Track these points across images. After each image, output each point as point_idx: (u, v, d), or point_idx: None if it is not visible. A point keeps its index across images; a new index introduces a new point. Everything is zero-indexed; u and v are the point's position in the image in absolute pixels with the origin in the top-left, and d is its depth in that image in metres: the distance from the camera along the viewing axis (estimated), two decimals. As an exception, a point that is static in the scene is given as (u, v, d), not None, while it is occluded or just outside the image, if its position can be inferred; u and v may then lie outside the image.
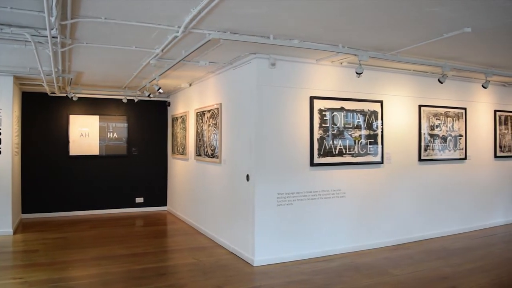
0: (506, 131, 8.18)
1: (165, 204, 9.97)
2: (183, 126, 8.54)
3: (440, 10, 3.81)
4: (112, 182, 9.47)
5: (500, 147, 8.08)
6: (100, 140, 9.39)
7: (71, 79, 7.17)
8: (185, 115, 8.38)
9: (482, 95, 7.71)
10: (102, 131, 9.42)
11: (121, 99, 8.99)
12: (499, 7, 3.72)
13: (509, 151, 8.23)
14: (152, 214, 9.43)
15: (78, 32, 4.47)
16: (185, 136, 8.46)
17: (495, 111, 7.99)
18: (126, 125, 9.62)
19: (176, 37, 4.40)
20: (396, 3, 3.64)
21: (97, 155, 9.36)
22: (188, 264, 5.49)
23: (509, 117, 8.23)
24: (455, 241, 6.75)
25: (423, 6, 3.71)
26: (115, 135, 9.52)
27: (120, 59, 5.85)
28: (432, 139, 6.96)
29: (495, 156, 8.00)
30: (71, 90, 8.24)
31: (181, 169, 8.82)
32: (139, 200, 9.72)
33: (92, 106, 9.35)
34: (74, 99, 8.53)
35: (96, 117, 9.37)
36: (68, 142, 9.10)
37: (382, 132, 6.34)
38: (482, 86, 6.72)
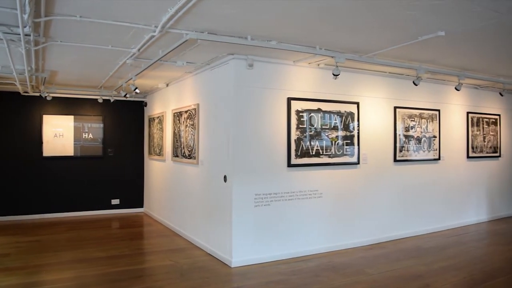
0: (478, 133, 8.39)
1: (141, 206, 9.86)
2: (160, 126, 8.47)
3: (415, 14, 3.89)
4: (87, 184, 9.32)
5: (472, 148, 8.29)
6: (75, 140, 9.22)
7: (45, 78, 7.02)
8: (162, 116, 8.31)
9: (455, 97, 7.89)
10: (77, 132, 9.25)
11: (97, 99, 8.86)
12: (470, 12, 3.81)
13: (480, 152, 8.45)
14: (129, 216, 9.31)
15: (52, 30, 4.38)
16: (162, 136, 8.39)
17: (468, 113, 8.20)
18: (101, 125, 9.48)
19: (153, 36, 4.36)
20: (372, 6, 3.70)
21: (72, 156, 9.19)
22: (165, 266, 5.44)
23: (481, 119, 8.45)
24: (429, 240, 6.88)
25: (399, 9, 3.78)
26: (90, 135, 9.37)
27: (95, 58, 5.76)
28: (407, 140, 7.08)
29: (468, 157, 8.20)
30: (45, 90, 8.07)
31: (158, 170, 8.74)
32: (115, 201, 9.59)
33: (66, 106, 9.17)
34: (48, 98, 8.35)
35: (71, 117, 9.21)
36: (41, 142, 8.90)
37: (358, 133, 6.42)
38: (455, 88, 6.87)
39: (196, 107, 6.55)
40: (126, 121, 9.77)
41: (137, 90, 6.68)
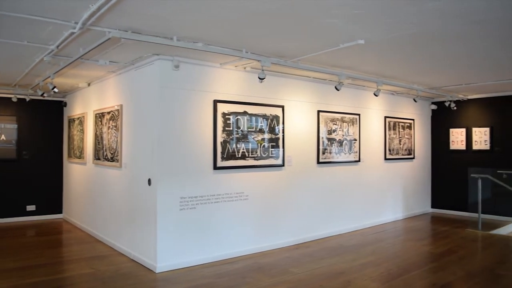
0: (394, 136, 8.92)
1: (60, 212, 9.33)
2: (81, 128, 8.09)
3: (337, 22, 4.05)
4: (-2, 189, 8.66)
5: (389, 150, 8.79)
6: (-16, 142, 8.54)
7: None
8: (83, 117, 7.94)
9: (374, 103, 8.33)
10: (-13, 133, 8.58)
11: (11, 98, 8.26)
12: (386, 22, 4.05)
13: (396, 154, 8.98)
14: (46, 222, 8.77)
15: (-42, 23, 4.03)
16: (82, 138, 8.01)
17: (385, 117, 8.68)
18: (16, 126, 8.85)
19: (73, 33, 4.15)
20: (296, 14, 3.80)
21: (-19, 159, 8.50)
22: (86, 275, 5.19)
23: (397, 123, 8.98)
24: (351, 238, 7.19)
25: (322, 18, 3.92)
26: (3, 137, 8.71)
27: (9, 54, 5.37)
28: (329, 143, 7.35)
29: (385, 159, 8.68)
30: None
31: (78, 174, 8.33)
32: (31, 208, 8.99)
33: (-25, 105, 8.48)
34: (-47, 97, 7.67)
35: (-20, 118, 8.52)
36: None
37: (283, 136, 6.56)
38: (374, 94, 7.25)
39: (119, 108, 6.33)
40: (43, 122, 9.21)
41: (55, 89, 6.32)
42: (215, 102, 5.76)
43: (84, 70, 6.43)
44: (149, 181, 5.44)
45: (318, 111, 7.18)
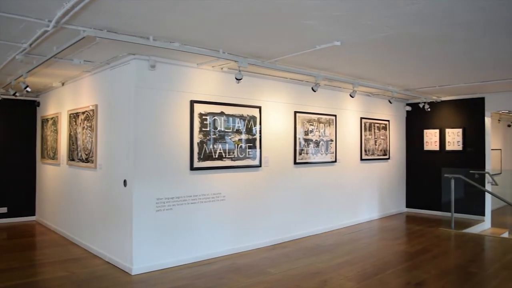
0: (370, 137, 9.03)
1: (33, 214, 9.13)
2: (55, 128, 7.94)
3: (314, 24, 4.08)
4: (-32, 191, 8.42)
5: (365, 151, 8.90)
6: (-47, 143, 8.29)
7: None
8: (57, 117, 7.79)
9: (350, 104, 8.42)
10: (-44, 134, 8.33)
11: (-19, 98, 8.05)
12: (362, 24, 4.10)
13: (372, 154, 9.10)
14: (18, 225, 8.56)
15: None
16: (56, 139, 7.86)
17: (361, 118, 8.79)
18: (-14, 126, 8.62)
19: (46, 31, 4.07)
20: (273, 14, 3.81)
21: (-50, 160, 8.25)
22: (60, 278, 5.09)
23: (372, 124, 9.11)
24: (327, 238, 7.25)
25: (299, 19, 3.94)
26: (-28, 138, 8.48)
27: (-22, 53, 5.24)
28: (306, 144, 7.40)
29: (361, 159, 8.79)
30: None
31: (52, 175, 8.17)
32: (2, 210, 8.76)
33: None
34: None
35: (-51, 118, 8.27)
36: None
37: (260, 136, 6.57)
38: (350, 95, 7.34)
39: (94, 108, 6.24)
40: (15, 122, 8.99)
41: (28, 89, 6.18)
42: (192, 102, 5.73)
43: (58, 69, 6.31)
44: (125, 182, 5.38)
45: (295, 112, 7.22)
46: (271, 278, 5.09)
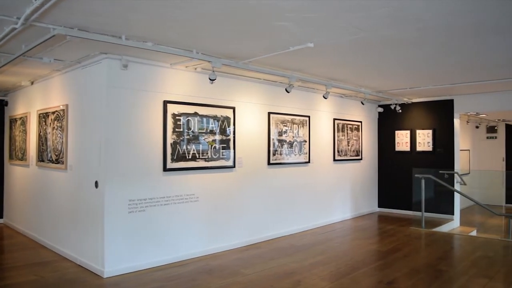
0: (343, 137, 9.14)
1: (1, 217, 8.86)
2: (23, 128, 7.73)
3: (287, 25, 4.10)
4: None
5: (338, 151, 9.00)
6: None
7: None
8: (26, 117, 7.59)
9: (323, 105, 8.50)
10: None
11: None
12: (337, 26, 4.14)
13: (345, 155, 9.21)
14: (-16, 228, 8.32)
15: None
16: (25, 139, 7.66)
17: (334, 119, 8.89)
18: (-49, 126, 8.33)
19: (14, 29, 3.95)
20: (247, 14, 3.81)
21: None
22: (28, 282, 4.95)
23: (345, 125, 9.22)
24: (301, 238, 7.30)
25: (272, 20, 3.96)
26: None
27: None
28: (280, 144, 7.43)
29: (334, 160, 8.89)
30: None
31: (21, 177, 7.96)
32: (-32, 212, 8.50)
33: None
34: None
35: None
36: None
37: (234, 137, 6.56)
38: (323, 96, 7.42)
39: (65, 108, 6.11)
40: (-18, 122, 8.73)
41: (-5, 88, 6.03)
42: (165, 102, 5.68)
43: (27, 68, 6.15)
44: (96, 184, 5.28)
45: (269, 113, 7.24)
46: (245, 279, 5.09)
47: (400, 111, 9.54)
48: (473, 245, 7.10)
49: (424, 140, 9.75)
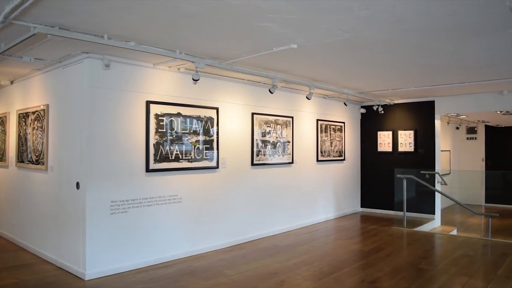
0: (326, 138, 9.20)
1: (-22, 218, 8.69)
2: (2, 129, 7.59)
3: (270, 26, 4.11)
4: None
5: (321, 152, 9.05)
6: None
7: None
8: (5, 117, 7.46)
9: (307, 106, 8.54)
10: None
11: None
12: (319, 28, 4.17)
13: (328, 156, 9.27)
14: (-38, 230, 8.13)
15: None
16: (4, 140, 7.52)
17: (317, 120, 8.94)
18: None
19: (-7, 27, 3.90)
20: (231, 15, 3.81)
21: None
22: (8, 285, 4.86)
23: (328, 126, 9.28)
24: (284, 238, 7.31)
25: (256, 20, 3.96)
26: None
27: None
28: (263, 145, 7.44)
29: (317, 160, 8.93)
30: None
31: (0, 178, 7.81)
32: None
33: None
34: None
35: None
36: None
37: (217, 138, 6.54)
38: (306, 97, 7.46)
39: (45, 108, 6.02)
40: (-41, 122, 8.54)
41: (-27, 87, 5.90)
42: (148, 103, 5.64)
43: (7, 67, 6.04)
44: (78, 185, 5.22)
45: (253, 113, 7.25)
46: (228, 279, 5.08)
47: (382, 112, 9.63)
48: (453, 244, 7.21)
49: (406, 140, 9.87)
